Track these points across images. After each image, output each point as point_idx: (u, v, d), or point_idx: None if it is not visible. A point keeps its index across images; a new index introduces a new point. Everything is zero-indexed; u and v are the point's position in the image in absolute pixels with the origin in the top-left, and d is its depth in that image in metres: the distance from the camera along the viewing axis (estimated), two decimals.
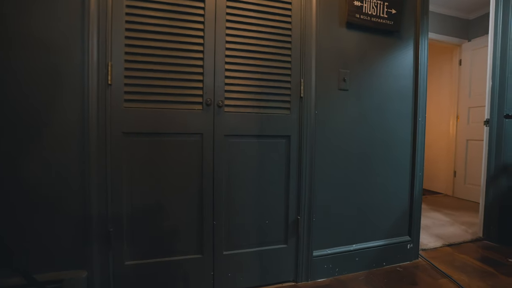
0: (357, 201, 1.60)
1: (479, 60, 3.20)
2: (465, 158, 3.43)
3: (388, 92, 1.65)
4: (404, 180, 1.74)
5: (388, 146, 1.67)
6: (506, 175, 2.07)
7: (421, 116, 1.73)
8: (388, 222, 1.70)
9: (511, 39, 2.03)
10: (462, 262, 1.77)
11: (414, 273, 1.61)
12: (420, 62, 1.70)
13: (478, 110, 3.24)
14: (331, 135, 1.52)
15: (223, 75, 1.30)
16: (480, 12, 3.27)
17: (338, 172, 1.54)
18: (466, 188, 3.41)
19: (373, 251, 1.63)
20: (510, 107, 2.04)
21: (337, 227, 1.56)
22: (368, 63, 1.58)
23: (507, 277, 1.60)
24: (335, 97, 1.51)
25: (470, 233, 2.27)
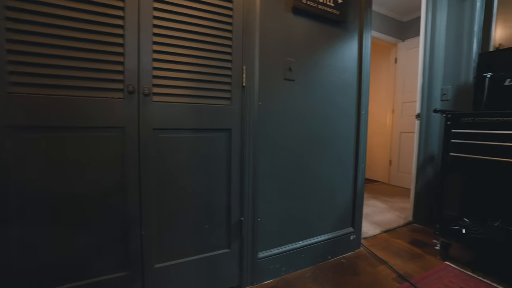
0: (303, 196, 1.56)
1: (412, 59, 3.49)
2: (398, 148, 3.76)
3: (334, 84, 1.62)
4: (348, 172, 1.76)
5: (333, 139, 1.65)
6: (432, 164, 2.28)
7: (364, 110, 1.76)
8: (333, 216, 1.71)
9: (439, 41, 2.20)
10: (397, 247, 1.89)
11: (357, 263, 1.65)
12: (364, 55, 1.71)
13: (410, 105, 3.55)
14: (276, 128, 1.42)
15: (151, 57, 1.08)
16: (412, 15, 3.55)
17: (283, 168, 1.47)
18: (400, 176, 3.76)
19: (319, 246, 1.61)
20: (437, 102, 2.22)
21: (284, 225, 1.49)
22: (315, 53, 1.52)
23: (432, 257, 1.75)
24: (281, 87, 1.41)
25: (403, 218, 2.47)
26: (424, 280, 1.46)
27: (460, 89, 2.08)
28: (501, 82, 1.75)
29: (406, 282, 1.45)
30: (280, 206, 1.47)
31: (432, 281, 1.46)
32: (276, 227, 1.47)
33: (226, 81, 1.25)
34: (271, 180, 1.43)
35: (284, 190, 1.48)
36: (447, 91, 2.17)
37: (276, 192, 1.45)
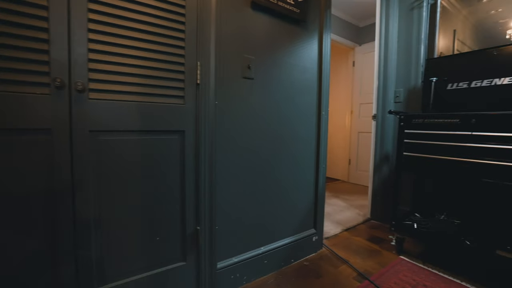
0: (265, 200, 1.50)
1: (368, 63, 3.68)
2: (357, 148, 3.94)
3: (295, 84, 1.59)
4: (310, 173, 1.75)
5: (294, 140, 1.63)
6: (387, 163, 2.40)
7: (324, 110, 1.76)
8: (295, 218, 1.68)
9: (392, 46, 2.32)
10: (357, 245, 1.93)
11: (319, 264, 1.64)
12: (324, 56, 1.71)
13: (367, 106, 3.74)
14: (234, 130, 1.34)
15: (85, 46, 0.93)
16: (368, 22, 3.74)
17: (244, 171, 1.39)
18: (358, 174, 3.93)
19: (281, 250, 1.57)
20: (391, 104, 2.34)
21: (244, 232, 1.42)
22: (275, 51, 1.47)
23: (389, 252, 1.82)
24: (239, 86, 1.34)
25: (362, 215, 2.56)
26: (382, 277, 1.50)
27: (411, 92, 2.22)
28: (445, 86, 1.89)
29: (366, 280, 1.47)
30: (240, 212, 1.40)
31: (389, 277, 1.50)
32: (236, 234, 1.39)
33: (178, 77, 1.13)
34: (230, 184, 1.35)
35: (245, 194, 1.41)
36: (400, 94, 2.29)
37: (236, 196, 1.37)
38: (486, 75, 1.70)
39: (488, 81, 1.69)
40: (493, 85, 1.67)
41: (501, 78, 1.64)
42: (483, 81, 1.71)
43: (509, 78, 1.61)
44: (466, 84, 1.78)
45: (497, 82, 1.66)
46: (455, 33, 2.20)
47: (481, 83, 1.72)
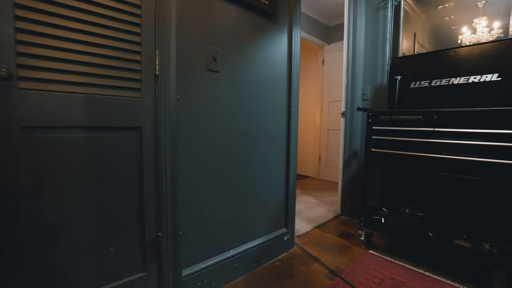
0: (234, 200, 1.42)
1: (337, 62, 3.75)
2: (326, 145, 4.01)
3: (264, 78, 1.53)
4: (280, 171, 1.71)
5: (264, 137, 1.57)
6: (355, 159, 2.45)
7: (294, 106, 1.73)
8: (266, 218, 1.63)
9: (359, 45, 2.36)
10: (328, 242, 1.93)
11: (291, 264, 1.61)
12: (294, 51, 1.67)
13: (336, 104, 3.82)
14: (199, 126, 1.24)
15: (12, 25, 0.77)
16: (337, 21, 3.81)
17: (210, 170, 1.30)
18: (328, 171, 4.01)
19: (252, 251, 1.51)
20: (359, 101, 2.39)
21: (212, 235, 1.33)
22: (243, 43, 1.39)
23: (358, 247, 1.85)
24: (204, 79, 1.24)
25: (332, 211, 2.60)
26: (352, 273, 1.50)
27: (377, 90, 2.28)
28: (408, 85, 1.96)
29: (337, 277, 1.47)
30: (208, 214, 1.30)
31: (359, 272, 1.51)
32: (204, 238, 1.30)
33: (134, 68, 1.01)
34: (196, 186, 1.25)
35: (213, 195, 1.32)
36: (367, 91, 2.35)
37: (202, 197, 1.28)
38: (444, 75, 1.79)
39: (446, 80, 1.78)
40: (451, 84, 1.76)
41: (457, 78, 1.73)
42: (442, 80, 1.80)
43: (464, 78, 1.71)
44: (427, 83, 1.86)
45: (454, 81, 1.75)
46: (415, 36, 2.30)
47: (440, 82, 1.80)
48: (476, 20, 2.05)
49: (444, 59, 1.80)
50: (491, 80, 1.59)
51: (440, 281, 1.44)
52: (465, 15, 2.06)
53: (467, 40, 2.05)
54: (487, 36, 2.00)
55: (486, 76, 1.61)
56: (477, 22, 2.06)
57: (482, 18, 2.02)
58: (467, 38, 2.06)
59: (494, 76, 1.59)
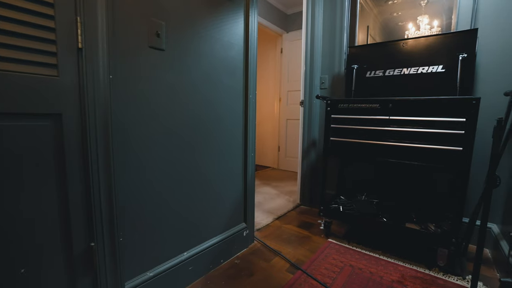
0: (188, 198, 1.27)
1: (295, 51, 3.73)
2: (285, 135, 4.02)
3: (219, 62, 1.37)
4: (238, 164, 1.59)
5: (220, 127, 1.43)
6: (314, 148, 2.45)
7: (252, 94, 1.61)
8: (224, 214, 1.51)
9: (318, 34, 2.33)
10: (288, 233, 1.90)
11: (251, 260, 1.53)
12: (251, 33, 1.54)
13: (295, 94, 3.81)
14: (142, 114, 1.05)
15: None
16: (295, 9, 3.76)
17: (157, 165, 1.13)
18: (287, 161, 4.04)
19: (209, 251, 1.38)
20: (317, 90, 2.38)
21: (162, 238, 1.17)
22: (195, 19, 1.21)
23: (318, 237, 1.85)
24: (145, 58, 1.04)
25: (292, 201, 2.59)
26: (313, 264, 1.48)
27: (335, 78, 2.28)
28: (364, 74, 1.98)
29: (299, 270, 1.43)
30: (157, 214, 1.13)
31: (320, 263, 1.50)
32: (153, 242, 1.13)
33: (46, 37, 0.77)
34: (140, 183, 1.07)
35: (161, 192, 1.15)
36: (325, 80, 2.34)
37: (149, 196, 1.10)
38: (397, 65, 1.84)
39: (398, 70, 1.83)
40: (402, 74, 1.82)
41: (408, 68, 1.80)
42: (395, 70, 1.85)
43: (414, 69, 1.77)
44: (381, 73, 1.90)
45: (405, 71, 1.81)
46: (368, 29, 2.34)
47: (393, 72, 1.85)
48: (419, 18, 2.15)
49: (396, 50, 1.84)
50: (437, 71, 1.68)
51: (393, 263, 1.50)
52: (411, 12, 2.14)
53: (412, 35, 2.15)
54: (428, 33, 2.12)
55: (432, 68, 1.69)
56: (421, 20, 2.16)
57: (424, 16, 2.13)
58: (412, 34, 2.16)
59: (439, 68, 1.67)
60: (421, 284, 1.33)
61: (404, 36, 2.07)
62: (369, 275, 1.39)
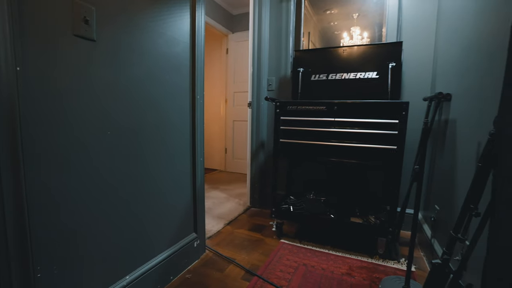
0: (129, 213, 1.10)
1: (242, 52, 3.70)
2: (232, 136, 3.97)
3: (163, 58, 1.23)
4: (186, 169, 1.47)
5: (165, 131, 1.29)
6: (263, 150, 2.46)
7: (199, 94, 1.51)
8: (172, 226, 1.37)
9: (265, 36, 2.34)
10: (240, 238, 1.85)
11: (204, 273, 1.42)
12: (197, 31, 1.43)
13: (241, 95, 3.79)
14: (67, 115, 0.86)
15: None
16: (241, 10, 3.73)
17: (89, 177, 0.94)
18: (235, 163, 3.99)
19: (156, 270, 1.23)
20: (265, 92, 2.39)
21: (99, 263, 0.98)
22: (134, 9, 1.05)
23: (270, 238, 1.85)
24: (70, 48, 0.85)
25: (242, 204, 2.55)
26: (268, 268, 1.46)
27: (282, 81, 2.33)
28: (310, 77, 2.07)
29: (255, 276, 1.39)
30: (89, 236, 0.94)
31: (275, 265, 1.48)
32: (84, 271, 0.93)
33: None
34: (62, 199, 0.87)
35: (95, 208, 0.96)
36: (272, 82, 2.37)
37: (79, 213, 0.90)
38: (338, 70, 1.97)
39: (340, 75, 1.97)
40: (343, 79, 1.95)
41: (348, 73, 1.94)
42: (337, 74, 1.97)
43: (353, 74, 1.92)
44: (325, 76, 2.01)
45: (346, 76, 1.95)
46: (309, 35, 2.47)
47: (335, 76, 1.98)
48: (352, 28, 2.37)
49: (337, 56, 1.97)
50: (372, 77, 1.85)
51: (342, 256, 1.59)
52: (345, 23, 2.34)
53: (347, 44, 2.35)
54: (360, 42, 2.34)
55: (368, 73, 1.86)
56: (353, 30, 2.38)
57: (356, 27, 2.34)
58: (346, 43, 2.35)
59: (374, 74, 1.85)
60: (366, 273, 1.43)
61: (340, 43, 2.24)
62: (321, 272, 1.44)
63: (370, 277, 1.40)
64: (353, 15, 2.25)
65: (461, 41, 1.32)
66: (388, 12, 1.96)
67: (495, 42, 0.95)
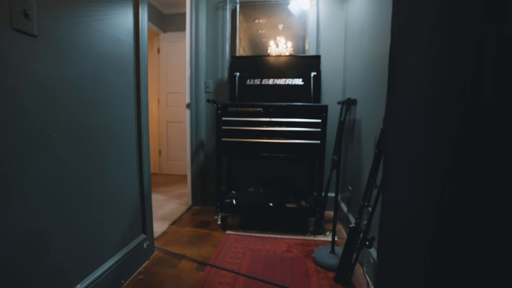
0: (73, 221, 1.05)
1: (175, 52, 3.64)
2: (166, 138, 3.87)
3: (107, 57, 1.21)
4: (132, 171, 1.45)
5: (110, 133, 1.26)
6: (202, 149, 2.54)
7: (144, 95, 1.51)
8: (120, 228, 1.34)
9: (202, 40, 2.42)
10: (188, 235, 1.90)
11: (157, 271, 1.44)
12: (141, 30, 1.44)
13: (175, 96, 3.73)
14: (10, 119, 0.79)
15: None
16: (174, 10, 3.66)
17: (32, 187, 0.88)
18: (171, 164, 3.90)
19: (107, 275, 1.19)
20: (202, 94, 2.47)
21: (48, 274, 0.92)
22: (78, 5, 1.01)
23: (217, 232, 1.96)
24: (10, 43, 0.79)
25: (184, 203, 2.57)
26: (218, 257, 1.58)
27: (219, 83, 2.46)
28: (245, 81, 2.27)
29: (207, 266, 1.48)
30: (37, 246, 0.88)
31: (224, 254, 1.61)
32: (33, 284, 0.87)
33: None
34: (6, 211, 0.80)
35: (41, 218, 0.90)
36: (209, 85, 2.47)
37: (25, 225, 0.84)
38: (270, 76, 2.23)
39: (272, 80, 2.23)
40: (275, 84, 2.22)
41: (279, 79, 2.22)
42: (269, 80, 2.23)
43: (283, 80, 2.21)
44: (259, 81, 2.24)
45: (277, 82, 2.22)
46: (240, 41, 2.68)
47: (268, 82, 2.23)
48: (278, 38, 2.69)
49: (270, 64, 2.23)
50: (299, 84, 2.18)
51: (281, 238, 1.84)
52: (272, 32, 2.64)
53: (273, 52, 2.64)
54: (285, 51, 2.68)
55: (296, 80, 2.18)
56: (279, 40, 2.71)
57: (281, 37, 2.68)
58: (273, 50, 2.65)
59: (300, 81, 2.18)
60: (302, 247, 1.71)
61: (267, 50, 2.50)
62: (266, 253, 1.64)
63: (305, 250, 1.68)
64: (278, 25, 2.55)
65: (361, 59, 1.73)
66: (309, 29, 2.33)
67: (383, 62, 1.33)
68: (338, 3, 2.28)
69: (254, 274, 1.41)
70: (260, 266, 1.49)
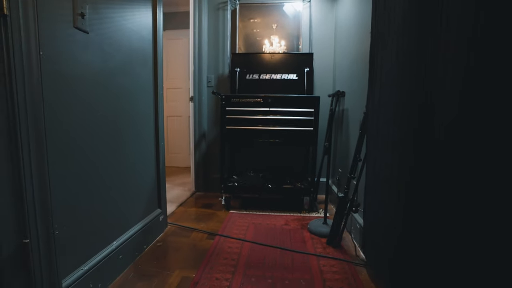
0: (108, 188, 1.25)
1: (175, 50, 3.81)
2: (167, 131, 4.03)
3: (133, 52, 1.40)
4: (150, 152, 1.65)
5: (135, 119, 1.45)
6: (204, 139, 2.74)
7: (160, 88, 1.71)
8: (143, 201, 1.54)
9: (204, 38, 2.61)
10: (195, 214, 2.11)
11: (172, 240, 1.64)
12: (158, 28, 1.64)
13: (175, 91, 3.90)
14: (71, 99, 0.99)
15: None
16: (172, 9, 3.78)
17: (84, 152, 1.07)
18: (170, 157, 4.06)
19: (134, 239, 1.39)
20: (205, 88, 2.67)
21: (92, 228, 1.12)
22: (113, 7, 1.21)
23: (221, 211, 2.17)
24: (70, 38, 0.99)
25: (188, 190, 2.76)
26: (225, 229, 1.80)
27: (220, 78, 2.66)
28: (245, 76, 2.48)
29: (216, 235, 1.70)
30: (85, 205, 1.07)
31: (231, 227, 1.83)
32: (84, 234, 1.06)
33: None
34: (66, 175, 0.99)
35: (85, 184, 1.09)
36: (211, 79, 2.68)
37: (74, 188, 1.03)
38: (268, 72, 2.45)
39: (269, 75, 2.45)
40: (272, 79, 2.45)
41: (275, 74, 2.45)
42: (267, 75, 2.45)
43: (279, 75, 2.44)
44: (257, 76, 2.46)
45: (274, 77, 2.45)
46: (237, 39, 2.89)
47: (265, 76, 2.46)
48: (272, 37, 2.91)
49: (267, 60, 2.46)
50: (293, 78, 2.41)
51: (280, 215, 2.07)
52: (266, 31, 2.86)
53: (267, 50, 2.85)
54: (279, 49, 2.90)
55: (291, 75, 2.41)
56: (273, 38, 2.93)
57: (275, 36, 2.90)
58: (268, 48, 2.87)
59: (294, 76, 2.41)
60: (298, 221, 1.95)
61: (262, 48, 2.71)
62: (267, 226, 1.87)
63: (301, 224, 1.92)
64: (272, 25, 2.77)
65: (348, 56, 1.98)
66: (303, 28, 2.57)
67: (366, 59, 1.57)
68: (329, 5, 2.53)
69: (258, 241, 1.64)
70: (262, 236, 1.72)
